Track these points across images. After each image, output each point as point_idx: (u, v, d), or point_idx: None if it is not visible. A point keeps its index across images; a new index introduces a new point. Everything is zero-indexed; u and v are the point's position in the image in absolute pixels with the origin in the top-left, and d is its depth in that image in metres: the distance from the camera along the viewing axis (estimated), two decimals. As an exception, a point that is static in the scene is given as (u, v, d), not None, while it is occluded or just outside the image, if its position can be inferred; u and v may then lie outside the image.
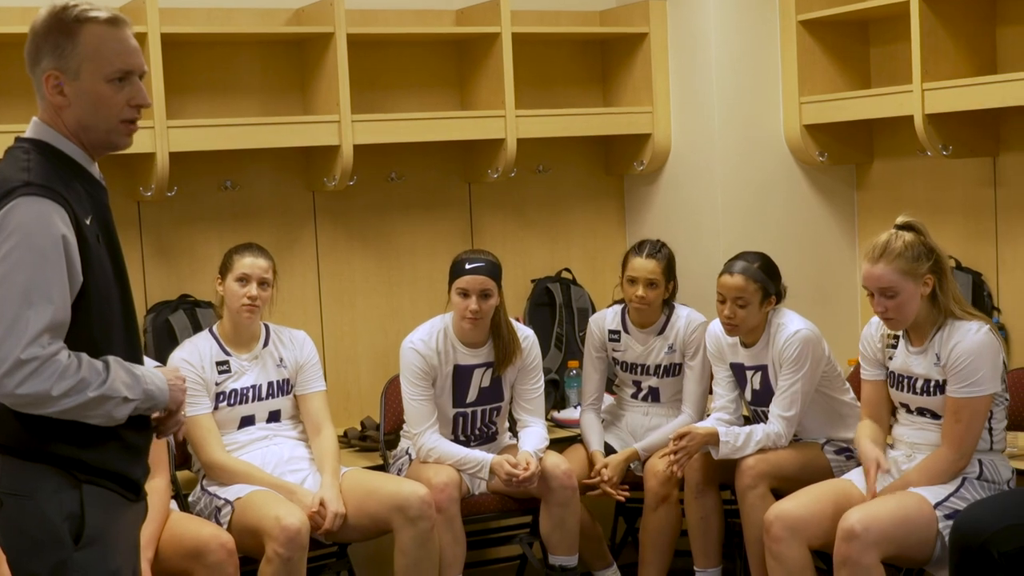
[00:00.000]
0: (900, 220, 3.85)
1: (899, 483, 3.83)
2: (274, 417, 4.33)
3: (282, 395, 4.35)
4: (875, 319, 4.01)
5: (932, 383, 3.83)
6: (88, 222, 2.55)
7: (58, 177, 2.53)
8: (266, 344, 4.36)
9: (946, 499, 3.72)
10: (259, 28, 4.90)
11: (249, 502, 4.00)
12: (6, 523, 2.56)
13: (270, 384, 4.32)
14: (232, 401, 4.25)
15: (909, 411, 3.94)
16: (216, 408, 4.23)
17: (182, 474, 4.42)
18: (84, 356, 2.48)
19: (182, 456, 4.42)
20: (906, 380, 3.89)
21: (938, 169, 5.00)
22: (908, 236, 3.79)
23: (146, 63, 2.71)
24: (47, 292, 2.43)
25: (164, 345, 4.52)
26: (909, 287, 3.75)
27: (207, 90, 4.88)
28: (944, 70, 4.59)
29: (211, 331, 4.36)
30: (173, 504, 4.08)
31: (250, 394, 4.28)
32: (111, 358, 2.53)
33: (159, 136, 4.44)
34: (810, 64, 5.14)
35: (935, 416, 3.86)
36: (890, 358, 3.95)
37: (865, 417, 4.06)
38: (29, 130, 2.63)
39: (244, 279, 4.25)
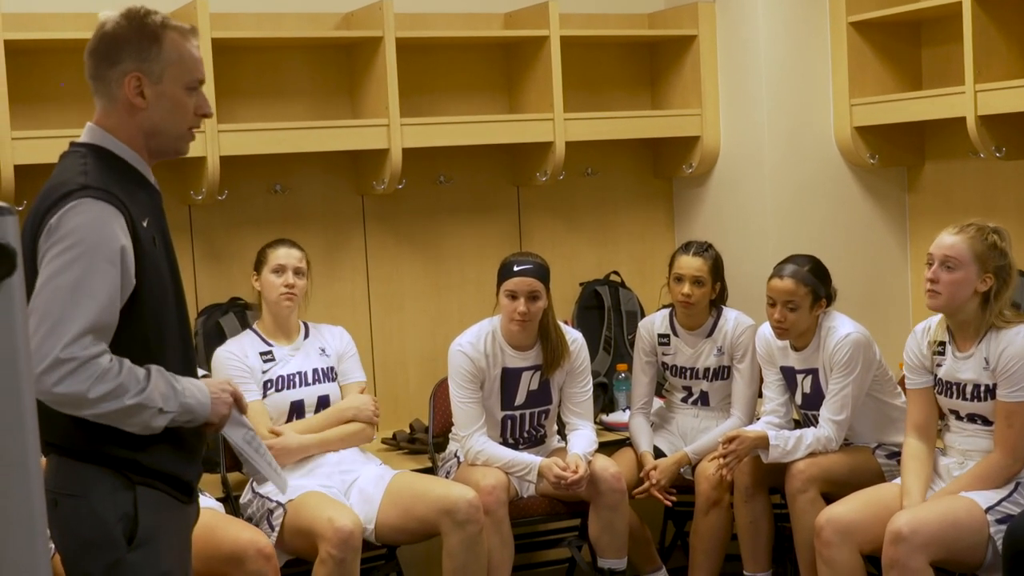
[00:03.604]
0: (991, 224, 3.85)
1: (951, 488, 3.80)
2: (323, 403, 4.36)
3: (328, 381, 4.39)
4: (918, 329, 3.99)
5: (982, 388, 3.79)
6: (145, 225, 2.57)
7: (115, 181, 2.56)
8: (307, 336, 4.42)
9: (998, 504, 3.68)
10: (308, 32, 4.93)
11: (301, 504, 4.02)
12: (60, 523, 2.59)
13: (315, 371, 4.37)
14: (280, 387, 4.30)
15: (959, 417, 3.91)
16: (264, 396, 4.27)
17: (232, 476, 4.44)
18: (126, 362, 2.49)
19: (232, 458, 4.45)
20: (955, 387, 3.86)
21: (991, 171, 4.95)
22: (993, 235, 3.78)
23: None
24: (95, 294, 2.45)
25: (215, 347, 4.54)
26: (971, 271, 3.74)
27: (257, 94, 4.92)
28: (997, 71, 4.55)
29: (252, 328, 4.43)
30: (219, 505, 4.11)
31: (296, 379, 4.33)
32: (154, 368, 2.55)
33: (210, 140, 4.48)
34: (861, 66, 5.11)
35: (986, 422, 3.83)
36: (938, 365, 3.92)
37: (911, 434, 3.99)
38: (84, 135, 2.66)
39: (280, 269, 4.32)
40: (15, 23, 4.37)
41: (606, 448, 4.69)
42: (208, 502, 3.95)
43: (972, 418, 3.87)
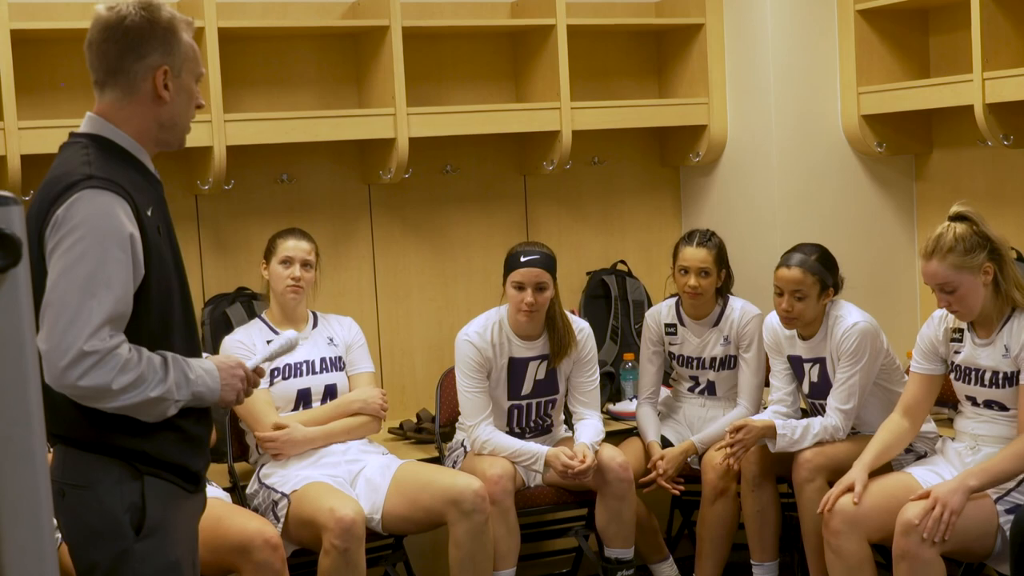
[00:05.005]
0: (953, 211, 3.82)
1: (980, 469, 3.72)
2: (330, 392, 4.36)
3: (336, 371, 4.39)
4: (936, 315, 3.97)
5: (1001, 375, 3.78)
6: (149, 214, 2.58)
7: (118, 170, 2.57)
8: (315, 326, 4.42)
9: (1007, 494, 3.68)
10: (315, 22, 4.93)
11: (304, 495, 4.02)
12: (68, 514, 2.60)
13: (323, 360, 4.36)
14: (287, 375, 4.29)
15: (975, 404, 3.90)
16: (272, 383, 4.27)
17: (239, 466, 4.45)
18: (144, 351, 2.50)
19: (240, 448, 4.46)
20: (973, 373, 3.85)
21: (999, 159, 4.93)
22: (960, 228, 3.74)
23: (204, 57, 2.77)
24: (109, 283, 2.45)
25: (221, 337, 4.55)
26: (967, 279, 3.71)
27: (263, 84, 4.91)
28: (1005, 59, 4.53)
29: (260, 317, 4.43)
30: (226, 495, 4.11)
31: (304, 368, 4.33)
32: (169, 355, 2.56)
33: (216, 130, 4.48)
34: (868, 54, 5.09)
35: (1003, 408, 3.82)
36: (956, 352, 3.91)
37: (898, 410, 4.02)
38: (84, 125, 2.66)
39: (288, 261, 4.32)
40: (22, 12, 4.37)
41: (613, 437, 4.69)
42: (215, 492, 3.96)
43: (989, 404, 3.85)
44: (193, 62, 2.67)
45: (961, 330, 3.89)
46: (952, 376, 3.94)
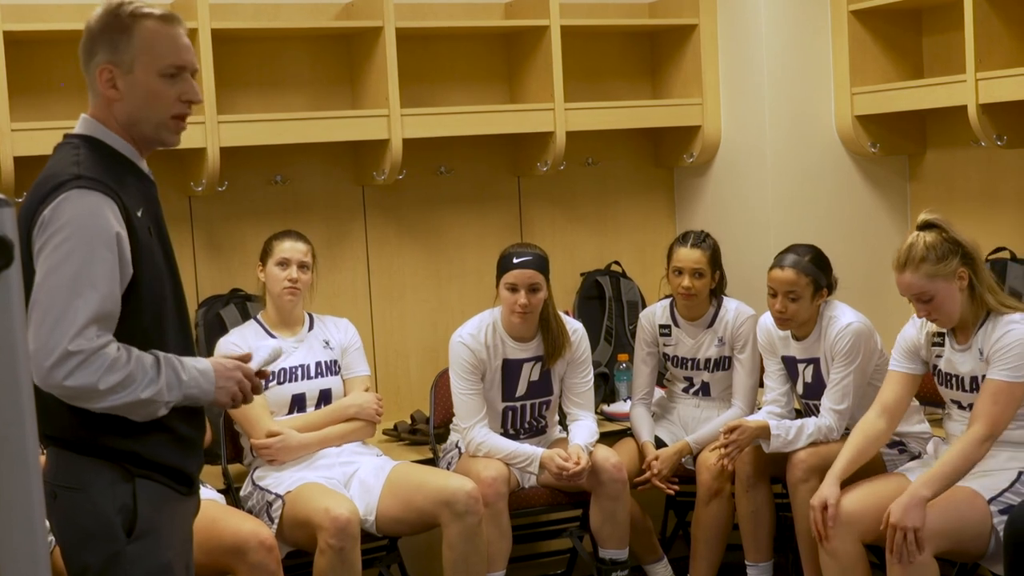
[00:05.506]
0: (920, 219, 3.82)
1: (937, 473, 3.70)
2: (325, 397, 4.35)
3: (331, 375, 4.38)
4: (917, 319, 3.97)
5: (979, 379, 3.78)
6: (139, 215, 2.57)
7: (108, 171, 2.56)
8: (311, 329, 4.40)
9: (1001, 494, 3.68)
10: (308, 23, 4.93)
11: (298, 495, 4.02)
12: (60, 516, 2.59)
13: (318, 364, 4.35)
14: (281, 379, 4.28)
15: (961, 407, 3.90)
16: (267, 387, 4.26)
17: (233, 467, 4.44)
18: (134, 350, 2.49)
19: (234, 449, 4.45)
20: (954, 378, 3.86)
21: (992, 159, 4.94)
22: (930, 237, 3.74)
23: (197, 59, 2.74)
24: (95, 283, 2.44)
25: (215, 339, 4.55)
26: (942, 287, 3.71)
27: (257, 85, 4.91)
28: (998, 59, 4.54)
29: (256, 319, 4.42)
30: (221, 497, 4.11)
31: (299, 372, 4.32)
32: (161, 355, 2.54)
33: (210, 131, 4.47)
34: (862, 54, 5.09)
35: (987, 411, 3.82)
36: (937, 356, 3.91)
37: (874, 409, 3.99)
38: (78, 126, 2.65)
39: (284, 263, 4.31)
40: (14, 14, 4.37)
41: (607, 438, 4.69)
42: (209, 494, 3.95)
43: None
44: (151, 56, 2.59)
45: (942, 334, 3.90)
46: (936, 380, 3.95)
